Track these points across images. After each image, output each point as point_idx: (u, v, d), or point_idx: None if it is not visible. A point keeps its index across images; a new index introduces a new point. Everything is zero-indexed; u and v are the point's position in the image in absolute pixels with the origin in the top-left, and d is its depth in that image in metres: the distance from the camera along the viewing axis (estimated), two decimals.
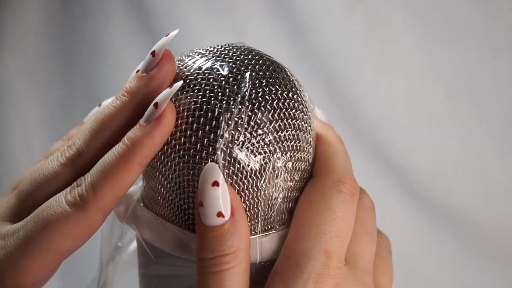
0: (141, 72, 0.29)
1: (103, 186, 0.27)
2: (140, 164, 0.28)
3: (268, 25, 0.84)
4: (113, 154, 0.28)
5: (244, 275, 0.27)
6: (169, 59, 0.29)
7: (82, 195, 0.27)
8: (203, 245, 0.27)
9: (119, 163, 0.27)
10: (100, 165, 0.28)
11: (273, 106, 0.29)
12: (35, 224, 0.27)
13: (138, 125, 0.28)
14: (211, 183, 0.27)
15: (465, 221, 0.83)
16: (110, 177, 0.27)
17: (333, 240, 0.28)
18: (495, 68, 0.82)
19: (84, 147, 0.29)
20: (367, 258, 0.30)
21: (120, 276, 0.37)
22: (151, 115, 0.28)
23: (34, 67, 0.86)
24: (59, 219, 0.27)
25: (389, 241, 0.34)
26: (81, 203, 0.27)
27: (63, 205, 0.27)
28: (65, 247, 0.28)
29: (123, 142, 0.28)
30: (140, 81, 0.29)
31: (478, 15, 0.81)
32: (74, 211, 0.27)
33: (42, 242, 0.27)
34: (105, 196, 0.27)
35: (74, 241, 0.28)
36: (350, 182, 0.30)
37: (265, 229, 0.30)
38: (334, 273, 0.28)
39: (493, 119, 0.83)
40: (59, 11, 0.85)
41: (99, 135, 0.29)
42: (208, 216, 0.27)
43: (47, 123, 0.86)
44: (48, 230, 0.27)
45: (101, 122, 0.29)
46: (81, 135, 0.29)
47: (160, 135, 0.28)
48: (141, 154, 0.27)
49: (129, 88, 0.29)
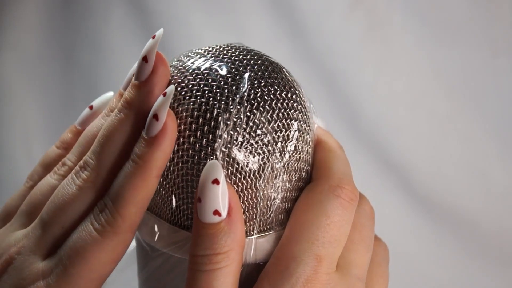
0: (136, 79, 0.29)
1: (128, 208, 0.27)
2: (157, 176, 0.28)
3: (268, 25, 0.84)
4: (130, 173, 0.28)
5: (233, 276, 0.27)
6: (162, 62, 0.29)
7: (110, 221, 0.27)
8: (197, 241, 0.27)
9: (138, 181, 0.27)
10: (119, 185, 0.28)
11: (271, 106, 0.29)
12: (71, 258, 0.27)
13: (143, 139, 0.28)
14: (212, 180, 0.27)
15: (465, 221, 0.83)
16: (133, 197, 0.27)
17: (325, 246, 0.28)
18: (495, 68, 0.82)
19: (99, 166, 0.29)
20: (361, 265, 0.30)
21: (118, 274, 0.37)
22: (154, 127, 0.28)
23: (34, 67, 0.86)
24: (94, 249, 0.27)
25: (387, 249, 0.34)
26: (111, 229, 0.27)
27: (94, 235, 0.27)
28: (105, 272, 0.28)
29: (134, 160, 0.28)
30: (139, 92, 0.29)
31: (478, 15, 0.81)
32: (106, 238, 0.27)
33: (83, 273, 0.27)
34: (131, 216, 0.27)
35: (112, 264, 0.28)
36: (349, 187, 0.30)
37: (263, 230, 0.30)
38: (323, 279, 0.28)
39: (493, 119, 0.83)
40: (59, 11, 0.85)
41: (110, 151, 0.29)
42: (204, 213, 0.27)
43: (47, 123, 0.86)
44: (85, 262, 0.27)
45: (108, 138, 0.29)
46: (92, 153, 0.29)
47: (169, 144, 0.28)
48: (156, 167, 0.27)
49: (129, 99, 0.29)
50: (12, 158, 0.85)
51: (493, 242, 0.83)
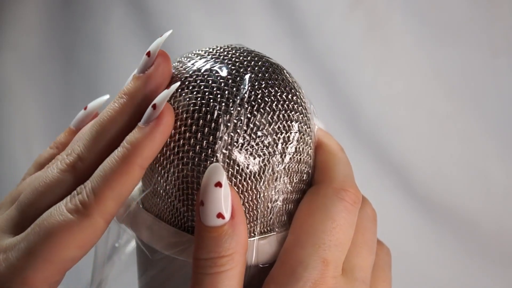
0: (138, 73, 0.29)
1: (105, 191, 0.27)
2: (141, 166, 0.27)
3: (268, 25, 0.84)
4: (113, 157, 0.27)
5: (238, 278, 0.27)
6: (164, 58, 0.29)
7: (84, 201, 0.27)
8: (200, 245, 0.27)
9: (119, 166, 0.27)
10: (100, 169, 0.27)
11: (272, 107, 0.29)
12: (37, 235, 0.27)
13: (137, 127, 0.28)
14: (214, 183, 0.26)
15: (465, 221, 0.84)
16: (111, 181, 0.27)
17: (331, 249, 0.28)
18: (495, 68, 0.82)
19: (84, 152, 0.29)
20: (365, 268, 0.30)
21: (117, 276, 0.37)
22: (150, 116, 0.28)
23: (34, 67, 0.86)
24: (61, 227, 0.26)
25: (390, 253, 0.34)
26: (83, 210, 0.27)
27: (65, 213, 0.27)
28: (69, 256, 0.27)
29: (123, 145, 0.27)
30: (137, 82, 0.29)
31: (478, 15, 0.81)
32: (76, 218, 0.26)
33: (45, 252, 0.26)
34: (107, 201, 0.27)
35: (77, 250, 0.27)
36: (353, 190, 0.30)
37: (264, 231, 0.30)
38: (330, 282, 0.28)
39: (493, 119, 0.83)
40: (59, 11, 0.85)
41: (99, 139, 0.29)
42: (208, 216, 0.27)
43: (47, 123, 0.86)
44: (50, 240, 0.26)
45: (100, 126, 0.29)
46: (81, 141, 0.29)
47: (160, 136, 0.27)
48: (141, 156, 0.27)
49: (127, 89, 0.29)
50: (12, 158, 0.85)
51: (493, 242, 0.83)
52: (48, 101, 0.86)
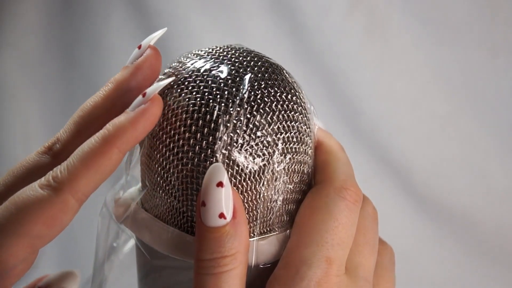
0: (128, 63, 0.30)
1: (79, 169, 0.26)
2: (119, 150, 0.27)
3: (268, 25, 0.84)
4: (93, 138, 0.27)
5: (241, 278, 0.27)
6: (153, 51, 0.30)
7: (56, 177, 0.26)
8: (202, 246, 0.27)
9: (97, 145, 0.27)
10: (79, 149, 0.27)
11: (271, 108, 0.29)
12: (6, 209, 0.26)
13: (124, 112, 0.28)
14: (216, 183, 0.26)
15: (465, 220, 0.84)
16: (87, 160, 0.26)
17: (334, 248, 0.28)
18: (495, 68, 0.82)
19: (62, 134, 0.29)
20: (368, 267, 0.30)
21: (117, 276, 0.37)
22: (138, 103, 0.28)
23: (34, 67, 0.86)
24: (31, 202, 0.26)
25: (393, 252, 0.34)
26: (54, 185, 0.26)
27: (36, 189, 0.26)
28: (35, 232, 0.26)
29: (105, 127, 0.27)
30: (124, 71, 0.30)
31: (478, 15, 0.81)
32: (46, 194, 0.26)
33: (11, 226, 0.26)
34: (80, 179, 0.26)
35: (45, 226, 0.26)
36: (354, 189, 0.30)
37: (264, 232, 0.30)
38: (334, 281, 0.28)
39: (493, 119, 0.83)
40: (59, 11, 0.85)
41: (79, 122, 0.29)
42: (209, 217, 0.26)
43: (47, 123, 0.86)
44: (18, 214, 0.26)
45: (82, 110, 0.29)
46: (65, 126, 0.29)
47: (144, 123, 0.27)
48: (122, 139, 0.27)
49: (113, 78, 0.30)
50: (12, 158, 0.85)
51: (493, 242, 0.83)
52: (48, 101, 0.86)
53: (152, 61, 0.30)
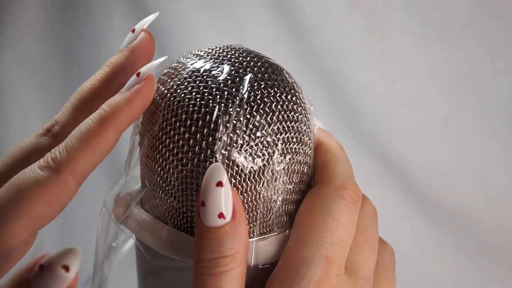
0: (122, 47, 0.31)
1: (77, 148, 0.27)
2: (115, 130, 0.27)
3: (268, 25, 0.84)
4: (90, 118, 0.27)
5: (241, 278, 0.27)
6: (147, 34, 0.30)
7: (55, 158, 0.27)
8: (202, 246, 0.27)
9: (94, 125, 0.27)
10: (76, 129, 0.27)
11: (271, 108, 0.29)
12: (7, 191, 0.27)
13: (118, 92, 0.28)
14: (215, 183, 0.26)
15: (465, 220, 0.84)
16: (84, 140, 0.27)
17: (334, 248, 0.28)
18: (495, 68, 0.82)
19: (60, 116, 0.29)
20: (368, 267, 0.30)
21: (116, 276, 0.37)
22: (132, 83, 0.28)
23: (34, 67, 0.86)
24: (31, 183, 0.26)
25: (393, 252, 0.34)
26: (53, 165, 0.26)
27: (35, 170, 0.27)
28: (36, 213, 0.26)
29: (101, 107, 0.28)
30: (119, 54, 0.30)
31: (478, 15, 0.81)
32: (46, 175, 0.26)
33: (13, 208, 0.26)
34: (78, 160, 0.27)
35: (45, 207, 0.26)
36: (353, 188, 0.30)
37: (263, 232, 0.30)
38: (334, 280, 0.28)
39: (493, 119, 0.83)
40: (59, 12, 0.85)
41: (76, 104, 0.29)
42: (209, 217, 0.26)
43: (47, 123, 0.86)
44: (18, 195, 0.26)
45: (79, 93, 0.30)
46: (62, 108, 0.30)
47: (139, 102, 0.28)
48: (118, 119, 0.27)
49: (109, 61, 0.30)
50: None
51: (493, 242, 0.83)
52: (48, 101, 0.86)
53: (147, 44, 0.30)
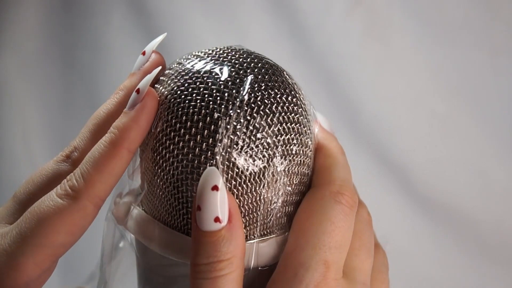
0: (134, 70, 0.31)
1: (93, 174, 0.27)
2: (128, 149, 0.28)
3: (268, 26, 0.84)
4: (101, 143, 0.28)
5: (238, 282, 0.27)
6: (158, 54, 0.31)
7: (73, 186, 0.27)
8: (198, 250, 0.27)
9: (107, 150, 0.28)
10: (89, 155, 0.28)
11: (272, 110, 0.29)
12: (28, 221, 0.27)
13: (123, 113, 0.29)
14: (211, 187, 0.26)
15: (465, 220, 0.84)
16: (99, 165, 0.27)
17: (332, 251, 0.28)
18: (495, 68, 0.82)
19: (79, 142, 0.30)
20: (365, 271, 0.30)
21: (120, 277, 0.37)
22: (134, 101, 0.29)
23: (34, 67, 0.86)
24: (51, 212, 0.27)
25: (386, 255, 0.34)
26: (72, 193, 0.27)
27: (55, 199, 0.27)
28: (59, 242, 0.27)
29: (110, 131, 0.28)
30: (133, 78, 0.31)
31: (478, 15, 0.81)
32: (65, 203, 0.27)
33: (35, 238, 0.27)
34: (96, 184, 0.27)
35: (68, 235, 0.27)
36: (349, 194, 0.30)
37: (263, 234, 0.30)
38: (332, 284, 0.28)
39: (493, 119, 0.83)
40: (59, 12, 0.85)
41: (95, 131, 0.30)
42: (205, 221, 0.26)
43: (47, 123, 0.86)
44: (40, 225, 0.27)
45: (97, 118, 0.30)
46: (79, 135, 0.30)
47: (145, 118, 0.28)
48: (128, 139, 0.28)
49: (123, 85, 0.31)
50: (12, 158, 0.85)
51: (493, 242, 0.83)
52: (48, 101, 0.86)
53: (159, 66, 0.31)
